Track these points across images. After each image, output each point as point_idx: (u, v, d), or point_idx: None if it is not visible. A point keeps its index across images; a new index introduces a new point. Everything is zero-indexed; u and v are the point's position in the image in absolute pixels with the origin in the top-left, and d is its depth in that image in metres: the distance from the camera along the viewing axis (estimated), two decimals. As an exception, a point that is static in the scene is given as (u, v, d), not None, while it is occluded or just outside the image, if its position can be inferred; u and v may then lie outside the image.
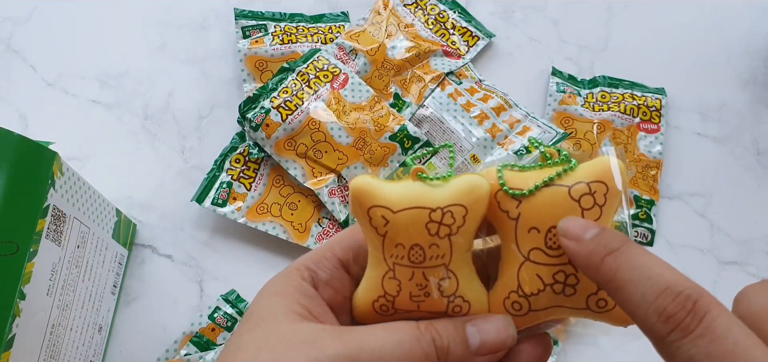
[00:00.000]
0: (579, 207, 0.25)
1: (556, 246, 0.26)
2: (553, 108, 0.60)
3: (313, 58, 0.59)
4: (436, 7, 0.66)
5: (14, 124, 0.60)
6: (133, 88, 0.62)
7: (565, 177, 0.26)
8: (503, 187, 0.26)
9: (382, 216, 0.26)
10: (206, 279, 0.54)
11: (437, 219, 0.26)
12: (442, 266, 0.26)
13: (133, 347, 0.52)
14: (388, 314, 0.27)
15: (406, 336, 0.25)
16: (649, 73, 0.63)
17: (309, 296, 0.27)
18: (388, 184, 0.27)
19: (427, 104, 0.60)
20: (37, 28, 0.64)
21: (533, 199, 0.26)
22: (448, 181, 0.26)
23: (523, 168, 0.27)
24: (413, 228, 0.26)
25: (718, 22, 0.66)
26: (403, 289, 0.27)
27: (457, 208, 0.26)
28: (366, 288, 0.28)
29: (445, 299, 0.27)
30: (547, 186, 0.26)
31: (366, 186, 0.26)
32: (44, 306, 0.41)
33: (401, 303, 0.27)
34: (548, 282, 0.26)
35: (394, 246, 0.26)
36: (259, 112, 0.55)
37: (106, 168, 0.58)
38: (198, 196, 0.55)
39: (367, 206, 0.26)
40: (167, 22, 0.65)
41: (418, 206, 0.26)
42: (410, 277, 0.26)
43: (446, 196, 0.26)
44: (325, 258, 0.28)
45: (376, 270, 0.27)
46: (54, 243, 0.41)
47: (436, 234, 0.26)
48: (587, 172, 0.26)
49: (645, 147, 0.58)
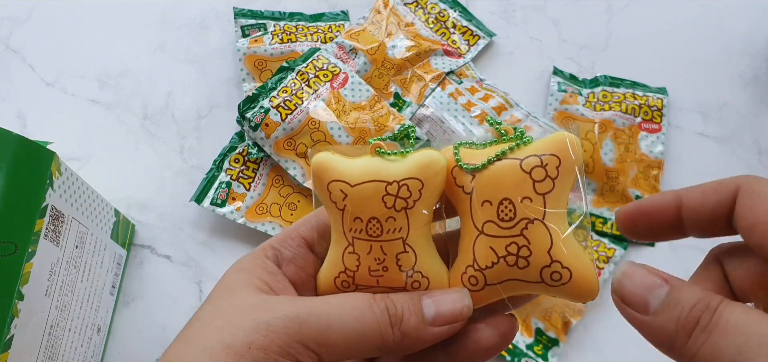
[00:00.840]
0: (530, 179, 0.26)
1: (508, 217, 0.26)
2: (554, 107, 0.60)
3: (313, 58, 0.59)
4: (436, 6, 0.65)
5: (13, 123, 0.60)
6: (133, 87, 0.62)
7: (518, 151, 0.26)
8: (458, 162, 0.27)
9: (340, 190, 0.27)
10: (205, 279, 0.54)
11: (393, 192, 0.26)
12: (400, 240, 0.27)
13: (132, 348, 0.52)
14: (348, 289, 0.28)
15: (358, 303, 0.26)
16: (651, 73, 0.63)
17: (270, 272, 0.28)
18: (348, 160, 0.27)
19: (428, 104, 0.59)
20: (36, 28, 0.64)
21: (486, 173, 0.26)
22: (405, 156, 0.27)
23: (480, 145, 0.27)
24: (370, 201, 0.26)
25: (720, 22, 0.66)
26: (362, 264, 0.27)
27: (413, 181, 0.26)
28: (328, 265, 0.28)
29: (404, 274, 0.27)
30: (499, 160, 0.26)
31: (326, 162, 0.27)
32: (42, 306, 0.40)
33: (361, 278, 0.27)
34: (501, 255, 0.26)
35: (352, 221, 0.27)
36: (258, 112, 0.55)
37: (105, 168, 0.58)
38: (197, 196, 0.55)
39: (326, 181, 0.27)
40: (167, 22, 0.65)
41: (376, 179, 0.26)
42: (368, 251, 0.27)
43: (403, 170, 0.26)
44: (290, 237, 0.29)
45: (337, 247, 0.28)
46: (52, 244, 0.41)
47: (392, 208, 0.26)
48: (540, 146, 0.26)
49: (646, 147, 0.58)
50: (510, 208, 0.26)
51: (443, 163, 0.27)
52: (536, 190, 0.26)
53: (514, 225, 0.26)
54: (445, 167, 0.27)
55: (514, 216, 0.26)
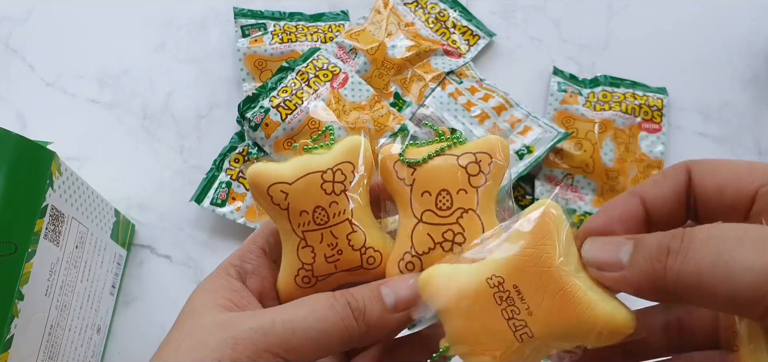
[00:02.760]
0: (466, 173, 0.28)
1: (445, 207, 0.28)
2: (555, 107, 0.60)
3: (313, 57, 0.59)
4: (436, 5, 0.65)
5: (12, 123, 0.59)
6: (132, 87, 0.62)
7: (454, 149, 0.29)
8: (400, 157, 0.29)
9: (281, 191, 0.28)
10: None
11: (330, 179, 0.28)
12: (346, 221, 0.29)
13: (132, 348, 0.52)
14: (311, 285, 0.29)
15: (318, 304, 0.26)
16: (651, 73, 0.62)
17: (234, 290, 0.28)
18: (279, 164, 0.29)
19: (428, 103, 0.59)
20: (35, 28, 0.64)
21: (426, 167, 0.29)
22: (331, 147, 0.30)
23: (420, 143, 0.30)
24: (311, 192, 0.28)
25: (720, 22, 0.66)
26: (318, 254, 0.29)
27: (345, 165, 0.29)
28: (285, 268, 0.30)
29: (358, 252, 0.29)
30: (438, 156, 0.29)
31: (260, 170, 0.29)
32: (42, 306, 0.40)
33: (319, 268, 0.29)
34: (438, 241, 0.28)
35: (299, 215, 0.28)
36: (258, 112, 0.55)
37: (105, 168, 0.58)
38: (197, 196, 0.55)
39: (265, 187, 0.28)
40: (166, 22, 0.65)
41: (311, 172, 0.29)
42: (320, 240, 0.29)
43: (333, 158, 0.29)
44: (249, 251, 0.31)
45: (289, 247, 0.29)
46: (52, 244, 0.41)
47: (332, 192, 0.28)
48: (474, 146, 0.29)
49: (647, 147, 0.58)
50: (447, 198, 0.28)
51: (365, 142, 0.29)
52: (471, 184, 0.28)
53: (450, 214, 0.28)
54: (368, 146, 0.29)
55: (451, 205, 0.28)
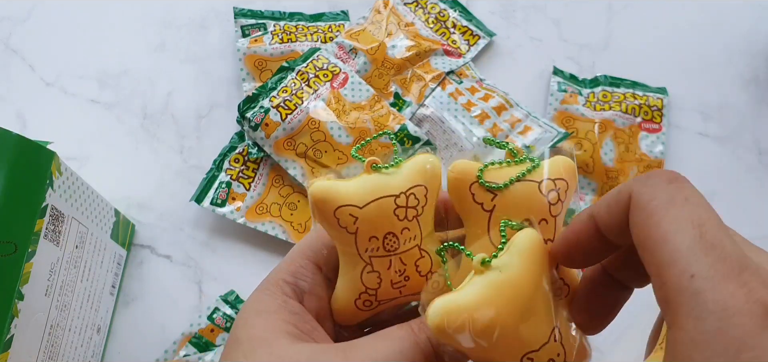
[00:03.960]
0: (547, 202, 0.27)
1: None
2: (555, 107, 0.60)
3: (313, 57, 0.59)
4: (436, 6, 0.65)
5: (12, 123, 0.59)
6: (132, 87, 0.62)
7: (533, 174, 0.27)
8: (479, 180, 0.27)
9: (350, 215, 0.26)
10: (205, 279, 0.54)
11: (403, 204, 0.27)
12: (416, 247, 0.27)
13: (132, 348, 0.52)
14: (372, 308, 0.28)
15: (404, 343, 0.25)
16: (651, 73, 0.63)
17: (296, 313, 0.26)
18: (346, 183, 0.27)
19: (428, 103, 0.59)
20: (35, 28, 0.64)
21: (507, 193, 0.27)
22: (400, 166, 0.27)
23: (497, 164, 0.28)
24: (383, 218, 0.26)
25: (720, 22, 0.66)
26: (384, 280, 0.27)
27: (418, 188, 0.27)
28: (345, 289, 0.28)
29: (424, 278, 0.27)
30: (519, 181, 0.27)
31: (326, 190, 0.27)
32: (43, 306, 0.40)
33: (383, 294, 0.28)
34: None
35: (368, 240, 0.27)
36: (258, 112, 0.55)
37: (105, 168, 0.58)
38: (197, 196, 0.55)
39: (332, 209, 0.26)
40: (166, 22, 0.65)
41: (383, 196, 0.26)
42: (388, 267, 0.27)
43: (405, 180, 0.27)
44: (302, 267, 0.28)
45: (352, 269, 0.27)
46: (52, 244, 0.41)
47: (405, 218, 0.27)
48: (551, 170, 0.27)
49: (646, 147, 0.58)
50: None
51: (438, 162, 0.28)
52: (551, 213, 0.27)
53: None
54: (439, 164, 0.28)
55: None
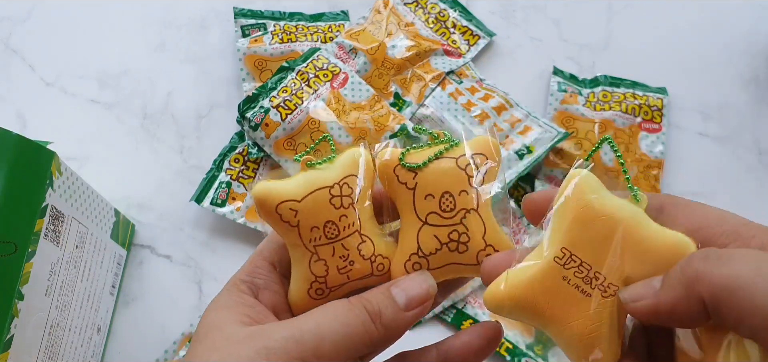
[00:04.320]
0: (465, 174, 0.29)
1: (449, 208, 0.29)
2: (555, 107, 0.60)
3: (313, 57, 0.59)
4: (436, 5, 0.65)
5: (12, 123, 0.59)
6: (132, 87, 0.62)
7: (452, 151, 0.30)
8: (401, 161, 0.30)
9: (290, 209, 0.29)
10: (205, 279, 0.54)
11: (337, 193, 0.29)
12: (356, 233, 0.30)
13: (132, 348, 0.52)
14: (324, 296, 0.30)
15: (339, 310, 0.28)
16: (651, 73, 0.63)
17: (249, 305, 0.29)
18: (285, 181, 0.30)
19: (428, 103, 0.59)
20: (35, 28, 0.64)
21: (427, 170, 0.30)
22: (333, 161, 0.30)
23: (416, 147, 0.31)
24: (321, 208, 0.29)
25: (720, 22, 0.66)
26: (330, 266, 0.30)
27: (350, 178, 0.30)
28: (297, 280, 0.30)
29: (368, 261, 0.30)
30: (437, 159, 0.30)
31: (266, 190, 0.29)
32: (43, 306, 0.40)
33: (332, 280, 0.30)
34: (444, 242, 0.29)
35: (309, 231, 0.29)
36: (258, 112, 0.55)
37: (105, 168, 0.58)
38: (197, 196, 0.55)
39: (273, 205, 0.29)
40: (166, 22, 0.65)
41: (318, 188, 0.29)
42: (332, 253, 0.29)
43: (337, 172, 0.30)
44: (257, 266, 0.31)
45: (300, 261, 0.30)
46: (52, 244, 0.41)
47: (341, 206, 0.29)
48: (470, 146, 0.30)
49: (646, 147, 0.58)
50: (450, 200, 0.29)
51: (366, 152, 0.31)
52: (471, 184, 0.29)
53: (454, 215, 0.29)
54: (369, 155, 0.31)
55: (454, 207, 0.29)
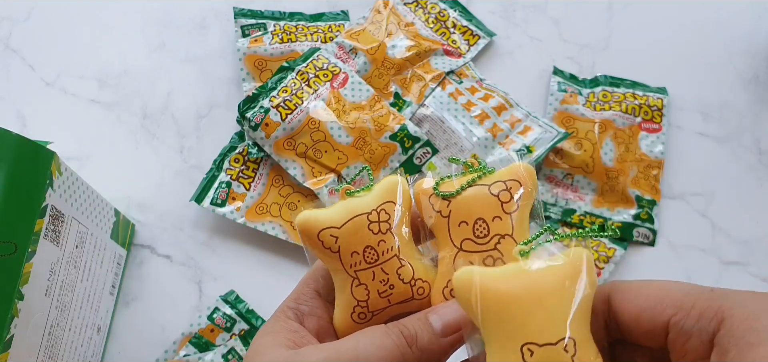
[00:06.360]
0: (498, 201, 0.30)
1: (483, 234, 0.30)
2: (555, 107, 0.60)
3: (313, 57, 0.59)
4: (436, 5, 0.65)
5: (12, 123, 0.59)
6: (132, 87, 0.62)
7: (484, 179, 0.31)
8: (435, 190, 0.31)
9: (330, 235, 0.30)
10: (205, 279, 0.54)
11: (375, 219, 0.30)
12: (395, 257, 0.30)
13: (132, 348, 0.52)
14: (367, 320, 0.31)
15: (377, 334, 0.28)
16: (651, 73, 0.63)
17: (294, 330, 0.30)
18: (326, 210, 0.31)
19: (428, 103, 0.59)
20: (35, 28, 0.64)
21: (460, 198, 0.30)
22: (371, 189, 0.31)
23: (450, 177, 0.31)
24: (360, 233, 0.30)
25: (720, 22, 0.66)
26: (371, 290, 0.30)
27: (387, 204, 0.31)
28: (340, 306, 0.31)
29: (408, 285, 0.30)
30: (470, 187, 0.30)
31: (309, 217, 0.30)
32: (42, 306, 0.40)
33: (374, 304, 0.30)
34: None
35: (350, 256, 0.30)
36: (258, 112, 0.55)
37: (105, 168, 0.58)
38: (197, 196, 0.55)
39: (315, 232, 0.30)
40: (166, 22, 0.65)
41: (357, 214, 0.30)
42: (372, 278, 0.30)
43: (375, 199, 0.31)
44: (303, 293, 0.32)
45: (343, 287, 0.31)
46: (52, 244, 0.41)
47: (379, 232, 0.30)
48: (503, 174, 0.30)
49: (646, 146, 0.58)
50: (484, 226, 0.30)
51: (402, 180, 0.32)
52: (504, 210, 0.30)
53: (488, 241, 0.29)
54: (406, 183, 0.32)
55: (487, 233, 0.30)
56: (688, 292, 0.24)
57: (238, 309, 0.52)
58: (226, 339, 0.51)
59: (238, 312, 0.52)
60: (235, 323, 0.51)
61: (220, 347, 0.50)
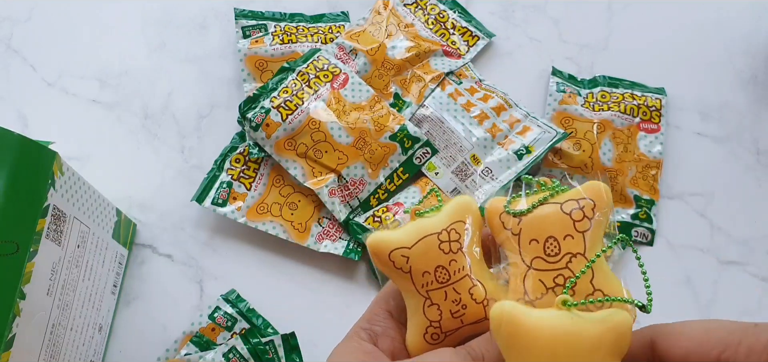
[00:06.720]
0: (570, 220, 0.29)
1: (554, 253, 0.29)
2: (553, 108, 0.60)
3: (313, 58, 0.59)
4: (436, 6, 0.65)
5: (14, 123, 0.60)
6: (133, 87, 0.62)
7: (557, 197, 0.30)
8: (505, 209, 0.30)
9: (402, 256, 0.30)
10: (206, 278, 0.54)
11: (446, 239, 0.30)
12: (467, 277, 0.30)
13: (133, 347, 0.52)
14: (440, 341, 0.30)
15: (444, 354, 0.28)
16: (650, 73, 0.63)
17: (368, 352, 0.30)
18: (396, 231, 0.31)
19: (427, 104, 0.59)
20: (36, 28, 0.64)
21: (531, 216, 0.30)
22: (440, 209, 0.31)
23: (521, 195, 0.31)
24: (431, 253, 0.30)
25: (719, 22, 0.66)
26: (444, 310, 0.30)
27: (458, 224, 0.30)
28: (413, 327, 0.31)
29: (480, 305, 0.30)
30: (542, 205, 0.30)
31: (380, 239, 0.31)
32: (44, 305, 0.41)
33: (446, 324, 0.30)
34: (549, 286, 0.29)
35: (421, 276, 0.30)
36: (259, 112, 0.55)
37: (106, 167, 0.58)
38: (198, 196, 0.55)
39: (386, 253, 0.30)
40: (167, 22, 0.65)
41: (427, 234, 0.30)
42: (445, 297, 0.30)
43: (445, 218, 0.31)
44: (375, 314, 0.32)
45: (415, 307, 0.30)
46: (54, 243, 0.41)
47: (450, 251, 0.30)
48: (576, 192, 0.30)
49: (645, 147, 0.58)
50: (555, 245, 0.29)
51: (472, 200, 0.31)
52: (576, 229, 0.29)
53: (559, 260, 0.29)
54: (475, 203, 0.31)
55: (559, 251, 0.29)
56: (733, 330, 0.25)
57: (239, 308, 0.52)
58: (227, 338, 0.51)
59: (239, 311, 0.52)
60: (236, 322, 0.51)
61: (221, 346, 0.50)
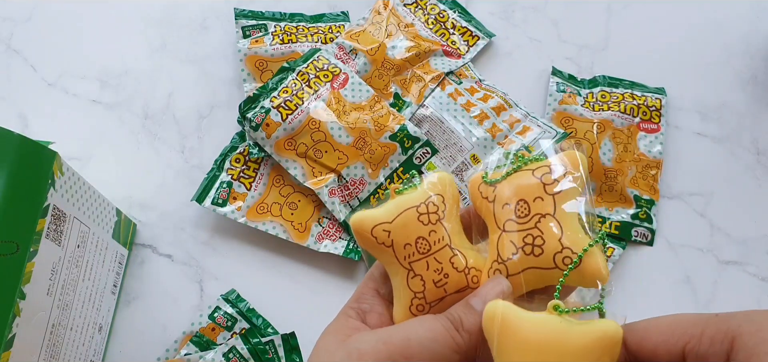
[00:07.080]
0: (541, 182, 0.31)
1: (523, 214, 0.30)
2: (553, 108, 0.60)
3: (313, 58, 0.59)
4: (436, 6, 0.66)
5: (14, 123, 0.60)
6: (134, 87, 0.62)
7: (532, 164, 0.32)
8: (484, 179, 0.32)
9: (383, 230, 0.31)
10: (206, 278, 0.55)
11: (424, 211, 0.31)
12: (446, 247, 0.31)
13: (133, 347, 0.52)
14: (425, 312, 0.31)
15: (426, 320, 0.30)
16: (649, 73, 0.63)
17: (356, 328, 0.31)
18: (376, 209, 0.32)
19: (427, 104, 0.60)
20: (37, 28, 0.64)
21: (505, 182, 0.31)
22: (418, 186, 0.33)
23: (501, 167, 0.32)
24: (411, 225, 0.31)
25: (719, 22, 0.66)
26: (427, 281, 0.31)
27: (435, 197, 0.32)
28: (399, 300, 0.32)
29: (462, 274, 0.31)
30: (516, 172, 0.31)
31: (361, 217, 0.32)
32: (44, 305, 0.41)
33: (430, 294, 0.31)
34: (519, 246, 0.30)
35: (403, 248, 0.31)
36: (259, 112, 0.56)
37: (107, 168, 0.58)
38: (198, 196, 0.55)
39: (368, 230, 0.31)
40: (167, 22, 0.65)
41: (406, 208, 0.32)
42: (427, 267, 0.31)
43: (422, 193, 0.32)
44: (363, 293, 0.34)
45: (399, 280, 0.32)
46: (54, 243, 0.41)
47: (429, 223, 0.31)
48: (550, 161, 0.31)
49: (645, 146, 0.58)
50: (524, 206, 0.30)
51: (448, 176, 0.33)
52: (546, 191, 0.30)
53: (528, 220, 0.30)
54: (451, 177, 0.33)
55: (528, 212, 0.30)
56: (696, 321, 0.26)
57: (239, 308, 0.52)
58: (227, 338, 0.51)
59: (239, 311, 0.52)
60: (236, 322, 0.51)
61: (221, 346, 0.50)
